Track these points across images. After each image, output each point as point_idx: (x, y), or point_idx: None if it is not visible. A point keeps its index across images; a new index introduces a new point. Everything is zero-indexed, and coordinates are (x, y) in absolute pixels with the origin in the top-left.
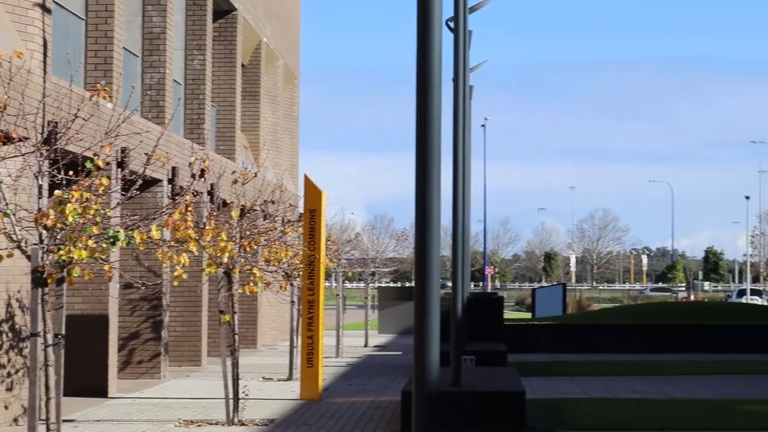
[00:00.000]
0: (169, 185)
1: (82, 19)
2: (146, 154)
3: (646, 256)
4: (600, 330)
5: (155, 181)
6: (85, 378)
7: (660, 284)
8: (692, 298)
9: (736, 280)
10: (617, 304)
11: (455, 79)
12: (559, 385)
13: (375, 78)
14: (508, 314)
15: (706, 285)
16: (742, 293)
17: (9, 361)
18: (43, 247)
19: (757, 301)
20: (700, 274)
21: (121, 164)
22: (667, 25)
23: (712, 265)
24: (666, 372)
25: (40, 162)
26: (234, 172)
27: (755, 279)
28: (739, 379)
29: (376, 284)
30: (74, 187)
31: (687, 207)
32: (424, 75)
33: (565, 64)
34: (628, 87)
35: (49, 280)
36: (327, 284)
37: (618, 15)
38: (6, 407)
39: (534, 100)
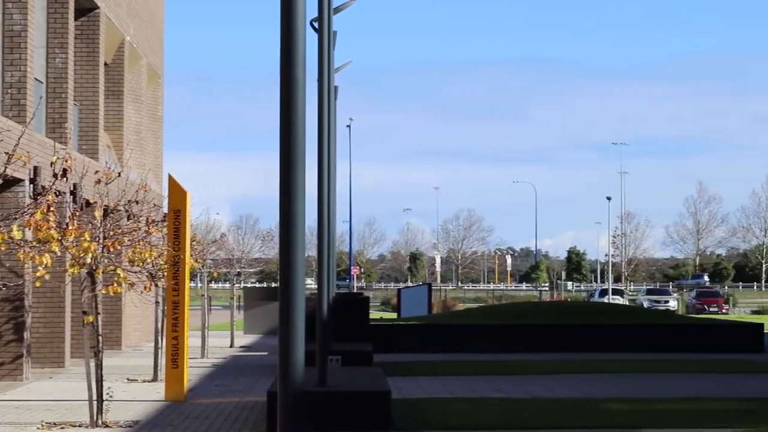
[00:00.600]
0: (31, 185)
1: None
2: (7, 153)
3: (510, 256)
4: (465, 330)
5: (17, 181)
6: None
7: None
8: (555, 297)
9: (598, 280)
10: (482, 304)
11: (320, 80)
12: (424, 384)
13: (241, 77)
14: (374, 314)
15: (569, 285)
16: (604, 293)
17: None
18: None
19: (619, 300)
20: (563, 274)
21: None
22: (529, 27)
23: (575, 265)
24: (530, 371)
25: None
26: (97, 171)
27: (617, 279)
28: (601, 378)
29: (242, 285)
30: None
31: (550, 207)
32: (288, 75)
33: (429, 65)
34: (491, 88)
35: None
36: (192, 285)
37: (480, 16)
38: None
39: (399, 100)
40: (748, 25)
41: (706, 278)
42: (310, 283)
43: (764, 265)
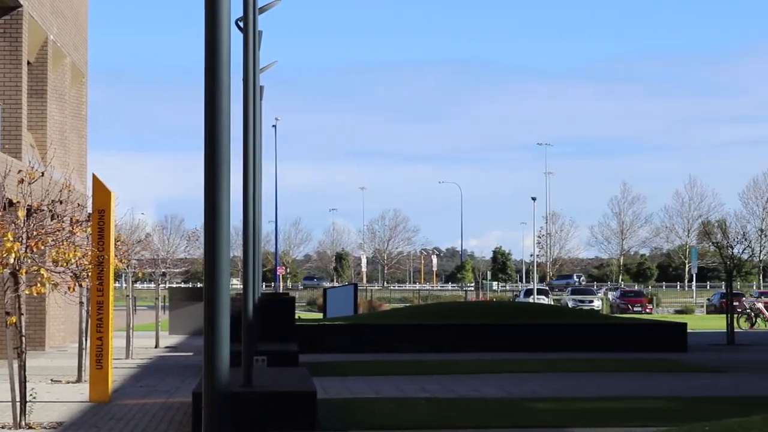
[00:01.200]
0: None
1: None
2: None
3: (436, 256)
4: (391, 330)
5: None
6: None
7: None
8: (481, 297)
9: (524, 280)
10: (408, 304)
11: (245, 80)
12: (350, 385)
13: (166, 77)
14: (300, 314)
15: (495, 285)
16: (529, 293)
17: None
18: None
19: (544, 300)
20: (489, 274)
21: None
22: (456, 28)
23: (501, 265)
24: (456, 371)
25: None
26: (20, 171)
27: (542, 279)
28: (526, 377)
29: (167, 285)
30: None
31: (476, 208)
32: (213, 75)
33: (355, 65)
34: (418, 88)
35: None
36: (117, 285)
37: (407, 17)
38: None
39: (325, 100)
40: (662, 27)
41: (575, 278)
42: (236, 284)
43: (687, 265)
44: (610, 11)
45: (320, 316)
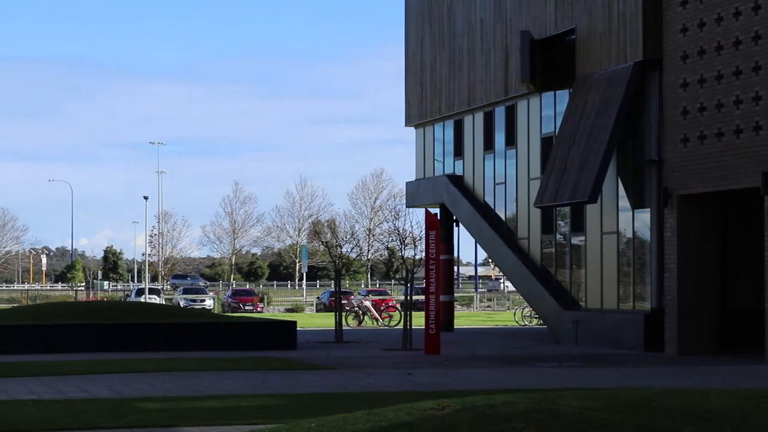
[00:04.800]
0: None
1: None
2: None
3: (45, 255)
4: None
5: None
6: None
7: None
8: (92, 297)
9: (136, 279)
10: (16, 305)
11: None
12: None
13: None
14: None
15: (106, 284)
16: (140, 292)
17: None
18: None
19: (155, 300)
20: (100, 274)
21: None
22: (65, 24)
23: (112, 264)
24: (64, 372)
25: None
26: None
27: (154, 278)
28: (137, 377)
29: None
30: None
31: (87, 207)
32: None
33: None
34: (23, 85)
35: None
36: None
37: (20, 12)
38: None
39: None
40: (282, 28)
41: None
42: None
43: (298, 264)
44: (218, 12)
45: None
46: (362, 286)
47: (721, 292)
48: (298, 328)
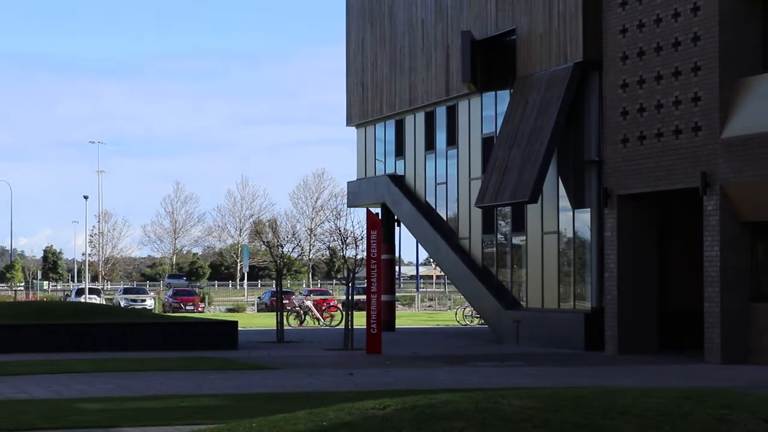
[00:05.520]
0: None
1: None
2: None
3: None
4: None
5: None
6: None
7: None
8: (31, 297)
9: (76, 279)
10: None
11: None
12: None
13: None
14: None
15: (46, 284)
16: (80, 292)
17: None
18: None
19: (96, 300)
20: (39, 274)
21: None
22: (6, 21)
23: (51, 264)
24: (3, 373)
25: None
26: None
27: (94, 278)
28: (77, 378)
29: None
30: None
31: (27, 206)
32: None
33: None
34: None
35: None
36: None
37: None
38: None
39: None
40: (220, 27)
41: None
42: None
43: (239, 264)
44: (158, 10)
45: None
46: (304, 285)
47: (660, 292)
48: (239, 328)
